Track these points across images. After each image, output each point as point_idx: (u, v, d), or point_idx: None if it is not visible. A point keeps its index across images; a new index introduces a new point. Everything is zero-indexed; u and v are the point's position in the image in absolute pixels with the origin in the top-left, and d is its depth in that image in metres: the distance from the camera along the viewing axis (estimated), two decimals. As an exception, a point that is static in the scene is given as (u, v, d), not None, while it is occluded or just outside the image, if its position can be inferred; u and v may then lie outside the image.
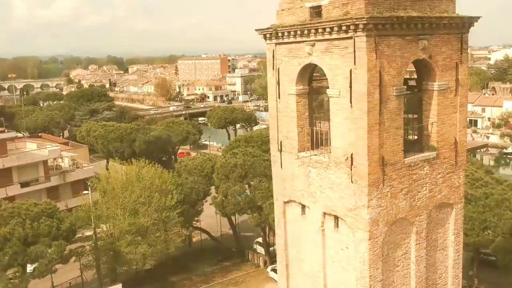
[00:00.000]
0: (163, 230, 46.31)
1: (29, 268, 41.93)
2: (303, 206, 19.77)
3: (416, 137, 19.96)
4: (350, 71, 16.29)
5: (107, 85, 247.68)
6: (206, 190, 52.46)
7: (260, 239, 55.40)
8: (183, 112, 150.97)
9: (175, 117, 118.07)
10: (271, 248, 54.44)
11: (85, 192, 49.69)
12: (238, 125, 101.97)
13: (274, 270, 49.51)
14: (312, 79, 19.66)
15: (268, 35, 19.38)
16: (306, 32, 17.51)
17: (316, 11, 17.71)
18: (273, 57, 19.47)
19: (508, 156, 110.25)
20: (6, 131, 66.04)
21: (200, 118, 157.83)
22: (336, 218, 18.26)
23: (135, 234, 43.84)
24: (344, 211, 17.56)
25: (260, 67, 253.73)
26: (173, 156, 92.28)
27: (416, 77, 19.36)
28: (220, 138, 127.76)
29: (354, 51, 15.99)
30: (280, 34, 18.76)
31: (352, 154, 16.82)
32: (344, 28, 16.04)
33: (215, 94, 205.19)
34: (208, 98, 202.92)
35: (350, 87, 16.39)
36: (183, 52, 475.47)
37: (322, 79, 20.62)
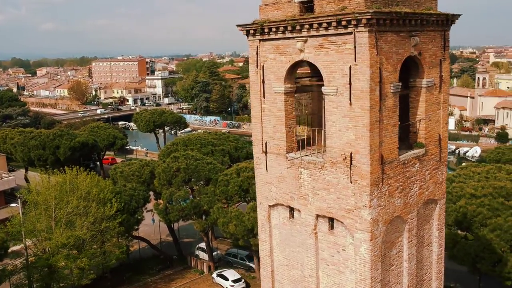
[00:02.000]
0: (101, 241, 43.53)
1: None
2: (292, 209, 19.00)
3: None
4: (350, 67, 15.77)
5: (15, 89, 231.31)
6: (146, 197, 50.11)
7: (202, 245, 54.00)
8: (106, 116, 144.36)
9: (95, 121, 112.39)
10: (214, 253, 53.26)
11: (13, 204, 45.62)
12: (167, 128, 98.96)
13: (220, 276, 48.44)
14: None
15: (251, 31, 18.38)
16: (298, 27, 16.74)
17: (307, 6, 17.02)
18: (257, 54, 18.50)
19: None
20: None
21: (120, 122, 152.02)
22: (331, 220, 17.67)
23: (70, 248, 40.83)
24: (342, 212, 17.02)
25: (179, 69, 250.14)
26: (98, 163, 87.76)
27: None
28: (144, 142, 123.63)
29: (355, 47, 15.48)
30: (266, 30, 17.83)
31: (351, 153, 16.31)
32: (343, 23, 15.48)
33: (135, 97, 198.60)
34: (128, 101, 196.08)
35: (350, 84, 15.87)
36: (95, 54, 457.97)
37: (304, 77, 20.05)
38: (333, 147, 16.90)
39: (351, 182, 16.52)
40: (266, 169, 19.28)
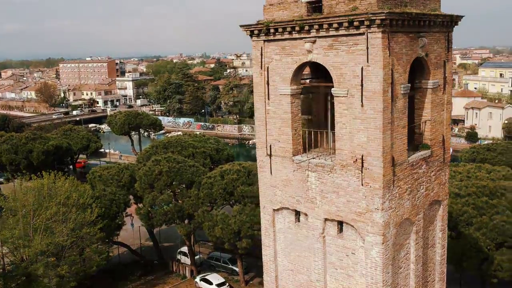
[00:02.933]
0: (81, 248, 42.27)
1: None
2: (297, 213, 18.66)
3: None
4: (362, 69, 15.54)
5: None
6: (126, 201, 48.96)
7: (184, 249, 53.15)
8: (77, 119, 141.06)
9: (66, 124, 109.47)
10: (196, 257, 52.46)
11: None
12: (142, 131, 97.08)
13: (204, 280, 47.72)
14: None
15: (256, 32, 17.96)
16: (307, 28, 16.42)
17: (315, 6, 16.72)
18: (262, 55, 18.08)
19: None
20: None
21: (91, 124, 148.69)
22: (340, 223, 17.41)
23: (49, 255, 39.50)
24: (352, 215, 16.77)
25: (150, 71, 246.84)
26: (71, 167, 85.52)
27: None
28: (117, 145, 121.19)
29: (367, 48, 15.26)
30: (272, 31, 17.44)
31: (362, 156, 16.08)
32: (356, 24, 15.24)
33: (105, 99, 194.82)
34: (98, 103, 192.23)
35: (362, 85, 15.65)
36: (61, 55, 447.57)
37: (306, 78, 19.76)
38: (343, 149, 16.64)
39: (362, 185, 16.30)
40: (271, 172, 18.88)
